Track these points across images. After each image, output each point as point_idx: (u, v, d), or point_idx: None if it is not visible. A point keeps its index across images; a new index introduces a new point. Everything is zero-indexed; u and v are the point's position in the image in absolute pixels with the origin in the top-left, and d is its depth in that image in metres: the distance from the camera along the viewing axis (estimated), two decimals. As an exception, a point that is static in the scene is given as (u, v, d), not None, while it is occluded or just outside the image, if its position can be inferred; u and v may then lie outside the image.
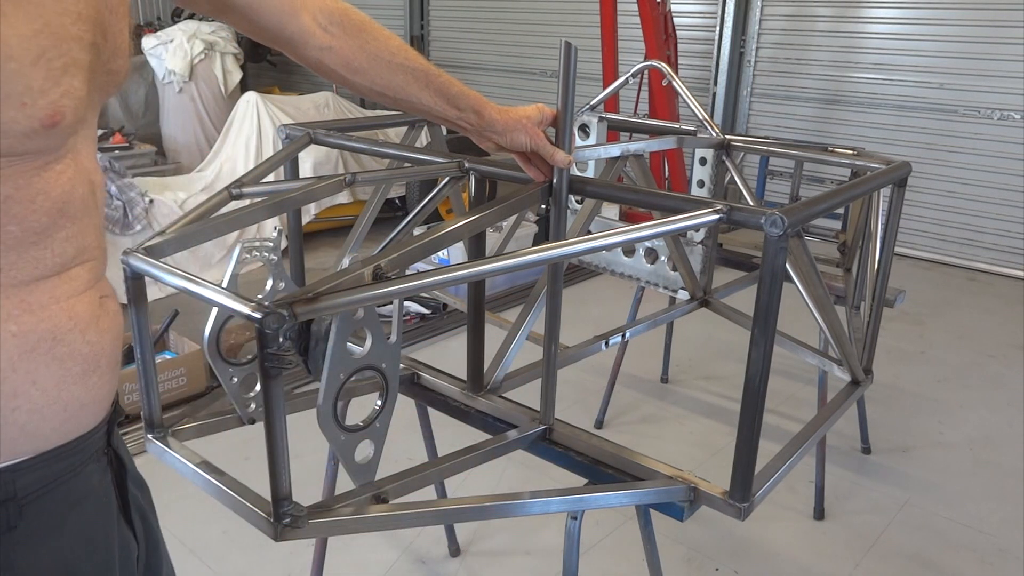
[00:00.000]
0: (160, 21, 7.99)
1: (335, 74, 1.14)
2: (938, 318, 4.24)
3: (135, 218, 4.08)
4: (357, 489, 1.16)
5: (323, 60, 1.12)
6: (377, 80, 1.15)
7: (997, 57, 4.79)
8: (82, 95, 0.74)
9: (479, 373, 1.58)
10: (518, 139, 1.24)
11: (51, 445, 0.80)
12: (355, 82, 1.15)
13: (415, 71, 1.16)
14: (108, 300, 0.88)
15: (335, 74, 1.14)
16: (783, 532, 2.46)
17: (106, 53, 0.79)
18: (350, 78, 1.14)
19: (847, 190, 1.55)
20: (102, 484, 0.88)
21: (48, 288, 0.78)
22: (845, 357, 1.66)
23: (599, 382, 3.21)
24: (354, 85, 1.16)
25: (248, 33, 1.09)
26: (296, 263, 1.87)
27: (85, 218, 0.81)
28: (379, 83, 1.16)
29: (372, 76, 1.15)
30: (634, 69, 2.48)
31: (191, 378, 3.05)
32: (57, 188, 0.76)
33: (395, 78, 1.16)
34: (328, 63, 1.12)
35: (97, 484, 0.87)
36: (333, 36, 1.10)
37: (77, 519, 0.84)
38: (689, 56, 5.79)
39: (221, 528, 2.37)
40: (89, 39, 0.74)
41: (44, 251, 0.77)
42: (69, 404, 0.81)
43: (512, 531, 2.42)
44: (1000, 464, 2.86)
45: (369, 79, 1.15)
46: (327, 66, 1.13)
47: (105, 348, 0.85)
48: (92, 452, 0.86)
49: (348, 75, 1.14)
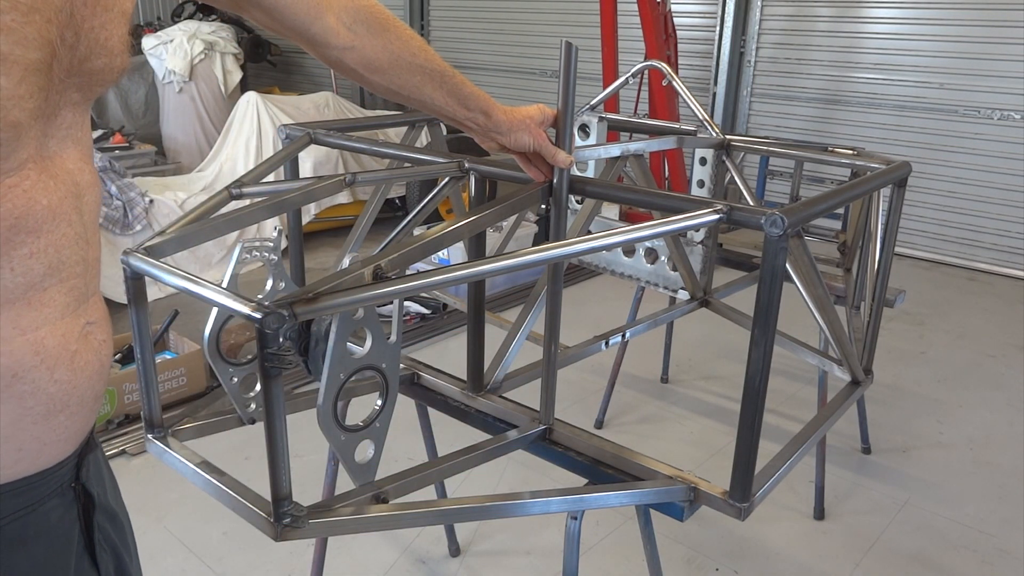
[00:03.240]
0: (160, 21, 7.99)
1: (354, 73, 1.12)
2: (938, 318, 4.24)
3: (135, 218, 4.08)
4: (357, 489, 1.16)
5: (344, 60, 1.10)
6: (395, 80, 1.14)
7: (997, 57, 4.79)
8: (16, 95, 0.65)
9: (479, 373, 1.58)
10: (521, 139, 1.24)
11: (3, 480, 0.73)
12: (373, 80, 1.14)
13: (432, 72, 1.15)
14: (94, 329, 0.80)
15: (354, 73, 1.12)
16: (783, 532, 2.46)
17: (81, 51, 0.72)
18: (368, 77, 1.13)
19: (847, 190, 1.54)
20: (63, 521, 0.81)
21: (11, 316, 0.69)
22: (845, 357, 1.66)
23: (599, 382, 3.21)
24: (371, 83, 1.14)
25: (270, 30, 1.08)
26: (296, 263, 1.87)
27: (58, 229, 0.72)
28: (396, 83, 1.14)
29: (391, 76, 1.13)
30: (634, 69, 2.48)
31: (191, 378, 3.05)
32: (7, 203, 0.67)
33: (412, 78, 1.14)
34: (349, 62, 1.11)
35: (57, 521, 0.80)
36: (356, 35, 1.08)
37: (24, 559, 0.76)
38: (689, 56, 5.79)
39: (221, 528, 2.37)
40: (43, 36, 0.66)
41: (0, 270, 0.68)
42: (26, 444, 0.74)
43: (512, 531, 2.42)
44: (1000, 464, 2.86)
45: (387, 79, 1.14)
46: (347, 65, 1.11)
47: (78, 386, 0.77)
48: (55, 487, 0.79)
49: (367, 74, 1.12)
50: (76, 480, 0.83)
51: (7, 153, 0.66)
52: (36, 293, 0.71)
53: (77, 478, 0.83)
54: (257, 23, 1.07)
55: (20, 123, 0.66)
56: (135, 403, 2.88)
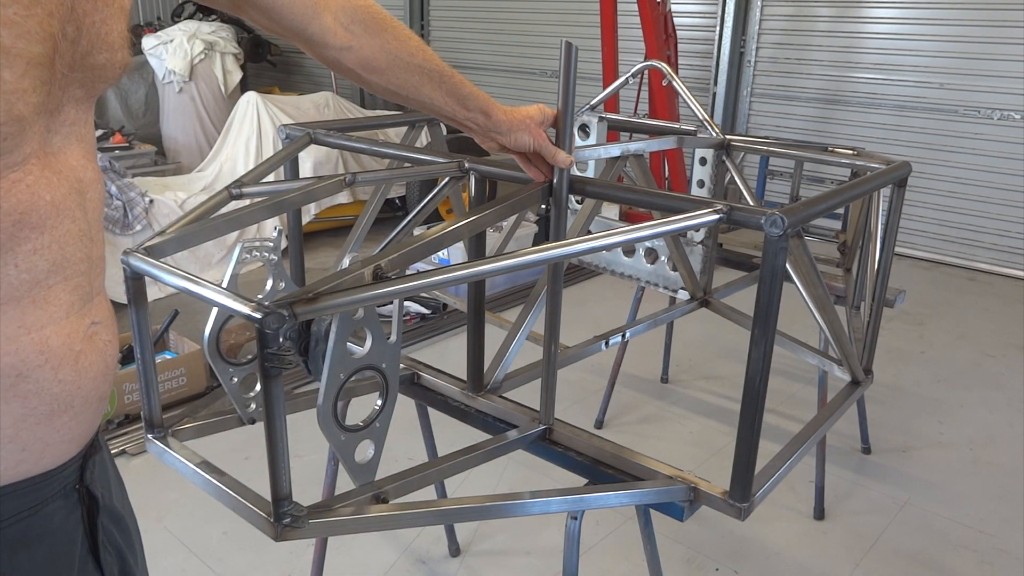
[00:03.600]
0: (160, 21, 7.99)
1: (352, 73, 1.12)
2: (938, 318, 4.24)
3: (135, 218, 4.08)
4: (357, 489, 1.16)
5: (341, 60, 1.10)
6: (393, 80, 1.13)
7: (997, 57, 4.79)
8: (19, 89, 0.65)
9: (479, 373, 1.58)
10: (522, 139, 1.23)
11: (5, 482, 0.73)
12: (371, 81, 1.13)
13: (431, 72, 1.15)
14: (99, 329, 0.79)
15: (352, 73, 1.12)
16: (783, 532, 2.46)
17: (83, 45, 0.72)
18: (367, 77, 1.13)
19: (847, 190, 1.54)
20: (67, 523, 0.80)
21: (16, 314, 0.69)
22: (845, 357, 1.66)
23: (599, 382, 3.22)
24: (369, 84, 1.14)
25: (268, 30, 1.07)
26: (296, 263, 1.87)
27: (62, 226, 0.73)
28: (394, 83, 1.14)
29: (389, 76, 1.13)
30: (634, 69, 2.48)
31: (191, 378, 3.05)
32: (11, 198, 0.67)
33: (411, 78, 1.14)
34: (346, 63, 1.10)
35: (60, 524, 0.79)
36: (354, 35, 1.08)
37: (27, 561, 0.76)
38: (689, 56, 5.79)
39: (221, 528, 2.37)
40: (45, 30, 0.66)
41: (5, 267, 0.68)
42: (29, 444, 0.74)
43: (512, 531, 2.42)
44: (1000, 464, 2.86)
45: (385, 79, 1.13)
46: (344, 65, 1.11)
47: (83, 387, 0.76)
48: (58, 489, 0.78)
49: (365, 74, 1.12)
50: (80, 482, 0.83)
51: (10, 147, 0.66)
52: (41, 291, 0.71)
53: (81, 480, 0.83)
54: (255, 23, 1.07)
55: (24, 117, 0.67)
56: (135, 403, 2.88)
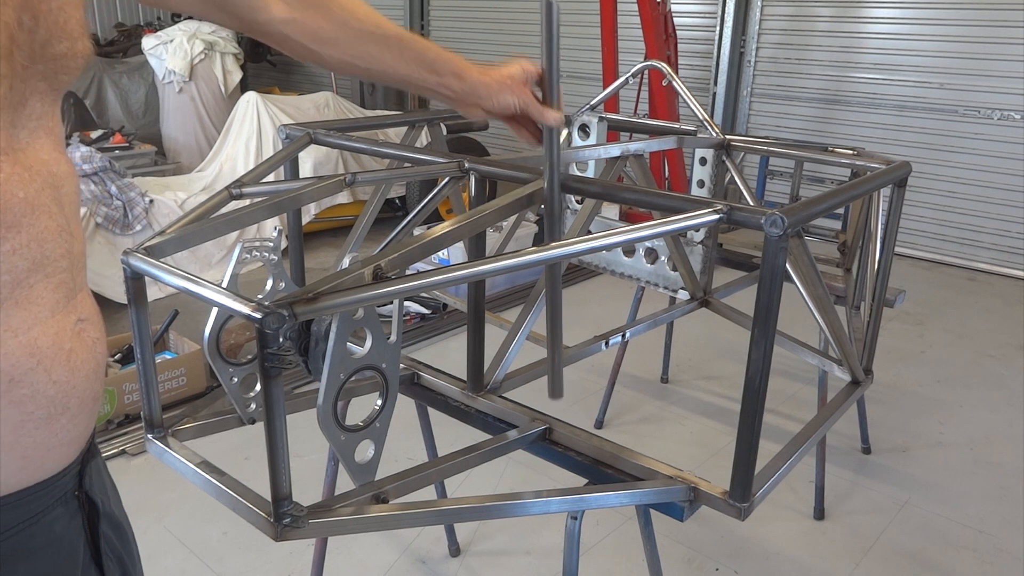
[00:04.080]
0: (160, 21, 8.00)
1: (304, 48, 1.09)
2: (938, 318, 4.24)
3: (135, 218, 4.08)
4: (357, 489, 1.16)
5: (288, 34, 1.06)
6: (348, 50, 1.10)
7: (997, 57, 4.79)
8: None
9: (479, 373, 1.58)
10: (505, 100, 1.16)
11: (5, 491, 0.71)
12: (326, 55, 1.10)
13: (387, 38, 1.11)
14: (86, 326, 0.77)
15: (304, 48, 1.09)
16: (783, 532, 2.46)
17: (41, 35, 0.69)
18: (320, 51, 1.09)
19: (847, 190, 1.54)
20: (68, 531, 0.78)
21: (1, 318, 0.67)
22: (845, 357, 1.66)
23: (599, 382, 3.22)
24: (326, 60, 1.10)
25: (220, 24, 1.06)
26: (296, 263, 1.87)
27: (39, 223, 0.70)
28: (350, 53, 1.10)
29: (343, 46, 1.09)
30: (634, 69, 2.48)
31: (191, 378, 3.05)
32: None
33: (367, 47, 1.10)
34: (294, 36, 1.07)
35: (61, 532, 0.77)
36: (292, 7, 1.05)
37: (28, 572, 0.74)
38: (689, 56, 5.79)
39: (221, 528, 2.37)
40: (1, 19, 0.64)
41: None
42: (30, 450, 0.72)
43: (512, 531, 2.42)
44: (1000, 464, 2.86)
45: (340, 49, 1.09)
46: (294, 39, 1.07)
47: (77, 386, 0.75)
48: (58, 496, 0.77)
49: (317, 47, 1.08)
50: (80, 488, 0.81)
51: None
52: (23, 291, 0.69)
53: (80, 486, 0.82)
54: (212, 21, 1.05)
55: (31, 111, 0.66)
56: (135, 403, 2.88)
